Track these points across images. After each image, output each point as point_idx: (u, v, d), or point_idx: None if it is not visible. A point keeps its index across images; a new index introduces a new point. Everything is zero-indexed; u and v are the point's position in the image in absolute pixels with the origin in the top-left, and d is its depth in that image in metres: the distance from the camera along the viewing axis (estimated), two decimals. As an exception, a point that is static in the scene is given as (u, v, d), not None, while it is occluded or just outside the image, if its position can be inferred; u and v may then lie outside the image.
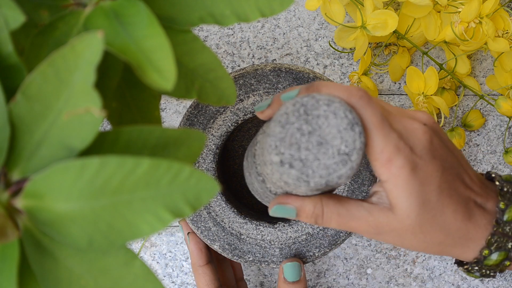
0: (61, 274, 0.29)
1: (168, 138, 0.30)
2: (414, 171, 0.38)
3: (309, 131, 0.37)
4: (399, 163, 0.37)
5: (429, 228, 0.39)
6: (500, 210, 0.40)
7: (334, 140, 0.37)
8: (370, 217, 0.40)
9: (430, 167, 0.38)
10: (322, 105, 0.37)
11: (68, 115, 0.28)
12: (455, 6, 0.59)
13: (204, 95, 0.35)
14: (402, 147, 0.37)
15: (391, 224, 0.39)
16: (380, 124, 0.37)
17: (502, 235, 0.40)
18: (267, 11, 0.33)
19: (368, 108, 0.38)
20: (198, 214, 0.56)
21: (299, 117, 0.37)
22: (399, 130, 0.38)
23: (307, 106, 0.37)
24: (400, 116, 0.39)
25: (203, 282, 0.59)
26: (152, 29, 0.31)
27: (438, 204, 0.39)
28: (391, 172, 0.38)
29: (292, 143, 0.37)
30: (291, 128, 0.37)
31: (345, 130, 0.37)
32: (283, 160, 0.37)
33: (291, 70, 0.54)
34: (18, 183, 0.29)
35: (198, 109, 0.54)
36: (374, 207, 0.40)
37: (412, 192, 0.38)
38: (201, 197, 0.27)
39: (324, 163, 0.37)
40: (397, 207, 0.39)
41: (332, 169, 0.37)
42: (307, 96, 0.38)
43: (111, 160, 0.27)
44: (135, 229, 0.27)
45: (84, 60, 0.28)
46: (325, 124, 0.37)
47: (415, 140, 0.38)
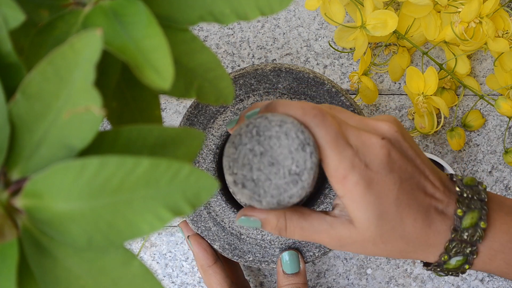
0: (60, 273, 0.29)
1: (167, 137, 0.30)
2: (369, 186, 0.39)
3: (261, 152, 0.38)
4: (354, 179, 0.38)
5: (390, 238, 0.40)
6: (458, 217, 0.41)
7: (285, 160, 0.38)
8: (332, 231, 0.41)
9: (387, 181, 0.39)
10: (274, 126, 0.38)
11: (68, 114, 0.28)
12: (455, 6, 0.59)
13: (203, 95, 0.35)
14: (357, 164, 0.38)
15: (352, 236, 0.40)
16: (334, 142, 0.38)
17: (460, 241, 0.41)
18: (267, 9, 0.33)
19: (322, 127, 0.38)
20: (198, 214, 0.56)
21: (251, 138, 0.39)
22: (355, 146, 0.39)
23: (259, 127, 0.39)
24: (359, 130, 0.39)
25: (215, 281, 0.58)
26: (151, 29, 0.31)
27: (397, 215, 0.40)
28: (346, 188, 0.39)
29: (245, 164, 0.38)
30: (243, 149, 0.39)
31: (296, 151, 0.38)
32: (236, 180, 0.39)
33: (291, 70, 0.54)
34: (17, 183, 0.29)
35: (198, 109, 0.54)
36: (336, 220, 0.41)
37: (368, 206, 0.39)
38: (200, 195, 0.28)
39: (275, 183, 0.38)
40: (356, 221, 0.40)
41: (283, 189, 0.38)
42: (261, 117, 0.39)
43: (110, 160, 0.27)
44: (135, 228, 0.27)
45: (83, 58, 0.28)
46: (277, 145, 0.38)
47: (371, 156, 0.39)
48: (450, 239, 0.41)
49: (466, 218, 0.41)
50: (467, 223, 0.41)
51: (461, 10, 0.58)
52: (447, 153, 0.66)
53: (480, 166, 0.66)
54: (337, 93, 0.54)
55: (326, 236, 0.41)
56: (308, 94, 0.54)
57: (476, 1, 0.57)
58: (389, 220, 0.40)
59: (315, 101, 0.54)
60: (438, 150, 0.66)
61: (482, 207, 0.41)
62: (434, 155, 0.66)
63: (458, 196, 0.41)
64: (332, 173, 0.39)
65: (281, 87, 0.54)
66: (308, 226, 0.42)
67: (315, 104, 0.39)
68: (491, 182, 0.66)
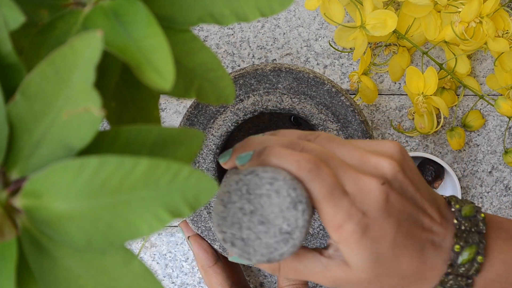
0: (59, 273, 0.29)
1: (167, 137, 0.30)
2: (365, 233, 0.38)
3: (251, 210, 0.37)
4: (350, 229, 0.38)
5: (385, 277, 0.40)
6: (455, 253, 0.40)
7: (276, 219, 0.37)
8: (327, 273, 0.41)
9: (385, 226, 0.39)
10: (265, 183, 0.37)
11: (67, 114, 0.28)
12: (455, 6, 0.59)
13: (203, 95, 0.35)
14: (353, 213, 0.38)
15: (348, 277, 0.40)
16: (329, 196, 0.38)
17: (456, 275, 0.41)
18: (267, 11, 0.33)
19: (317, 182, 0.38)
20: (198, 214, 0.56)
21: (241, 196, 0.37)
22: (352, 194, 0.38)
23: (249, 185, 0.37)
24: (357, 174, 0.39)
25: (215, 282, 0.58)
26: (151, 29, 0.31)
27: (393, 257, 0.39)
28: (342, 236, 0.38)
29: (234, 223, 0.37)
30: (233, 208, 0.38)
31: (287, 209, 0.37)
32: (225, 238, 0.38)
33: (291, 70, 0.54)
34: (16, 182, 0.29)
35: (198, 109, 0.54)
36: (331, 262, 0.41)
37: (365, 251, 0.39)
38: (200, 197, 0.27)
39: (266, 242, 0.37)
40: (352, 264, 0.40)
41: (273, 248, 0.37)
42: (251, 174, 0.38)
43: (110, 160, 0.27)
44: (134, 229, 0.27)
45: (83, 59, 0.28)
46: (267, 203, 0.37)
47: (369, 203, 0.38)
48: (446, 272, 0.41)
49: (464, 254, 0.40)
50: (464, 259, 0.40)
51: (461, 10, 0.58)
52: (447, 153, 0.66)
53: (480, 166, 0.66)
54: (337, 93, 0.54)
55: (321, 277, 0.41)
56: (308, 94, 0.54)
57: (476, 1, 0.57)
58: (385, 262, 0.39)
59: (315, 101, 0.54)
60: (438, 150, 0.66)
61: (480, 241, 0.41)
62: (434, 155, 0.66)
63: (456, 230, 0.41)
64: (328, 223, 0.38)
65: (281, 87, 0.54)
66: (302, 268, 0.41)
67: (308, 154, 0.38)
68: (491, 182, 0.66)
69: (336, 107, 0.54)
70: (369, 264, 0.39)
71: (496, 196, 0.66)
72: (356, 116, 0.54)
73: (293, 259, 0.41)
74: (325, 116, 0.54)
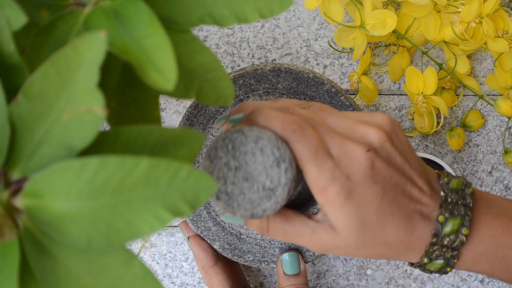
0: (60, 273, 0.29)
1: (167, 138, 0.30)
2: (349, 197, 0.39)
3: (236, 166, 0.39)
4: (334, 191, 0.39)
5: (372, 244, 0.41)
6: (439, 223, 0.41)
7: (260, 176, 0.39)
8: (314, 236, 0.41)
9: (370, 192, 0.39)
10: (250, 142, 0.39)
11: (69, 114, 0.28)
12: (455, 6, 0.59)
13: (202, 95, 0.35)
14: (337, 176, 0.38)
15: (334, 242, 0.41)
16: (313, 157, 0.38)
17: (441, 246, 0.41)
18: (267, 12, 0.33)
19: (301, 142, 0.38)
20: (198, 214, 0.56)
21: (227, 153, 0.39)
22: (337, 157, 0.39)
23: (235, 143, 0.39)
24: (344, 140, 0.39)
25: (216, 282, 0.59)
26: (152, 29, 0.31)
27: (379, 223, 0.40)
28: (326, 198, 0.39)
29: (219, 177, 0.39)
30: (219, 163, 0.39)
31: (271, 167, 0.38)
32: None
33: (290, 70, 0.54)
34: (18, 183, 0.29)
35: (198, 109, 0.54)
36: (318, 226, 0.41)
37: (350, 215, 0.39)
38: (199, 195, 0.28)
39: (249, 197, 0.39)
40: (338, 228, 0.40)
41: (256, 203, 0.39)
42: (237, 132, 0.39)
43: (110, 160, 0.27)
44: (135, 229, 0.27)
45: (87, 60, 0.28)
46: (252, 160, 0.39)
47: (354, 168, 0.39)
48: (431, 243, 0.41)
49: (448, 224, 0.41)
50: (447, 229, 0.41)
51: (461, 10, 0.58)
52: (447, 153, 0.66)
53: (480, 166, 0.66)
54: (337, 93, 0.54)
55: (308, 240, 0.42)
56: (308, 94, 0.54)
57: (476, 1, 0.57)
58: (371, 228, 0.40)
59: (314, 101, 0.54)
60: (438, 150, 0.66)
61: (465, 213, 0.41)
62: (434, 155, 0.66)
63: (442, 201, 0.41)
64: (313, 185, 0.39)
65: (280, 87, 0.54)
66: (290, 229, 0.42)
67: (295, 116, 0.39)
68: (491, 182, 0.66)
69: (336, 107, 0.54)
70: (354, 229, 0.40)
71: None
72: (356, 116, 0.54)
73: (282, 220, 0.42)
74: (325, 116, 0.54)
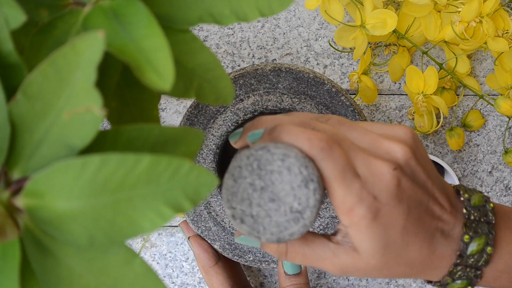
0: (62, 273, 0.29)
1: (167, 137, 0.30)
2: (376, 217, 0.37)
3: (261, 186, 0.37)
4: (361, 212, 0.37)
5: (394, 265, 0.39)
6: (464, 243, 0.40)
7: (287, 197, 0.36)
8: (335, 259, 0.40)
9: (395, 212, 0.38)
10: (277, 160, 0.37)
11: (68, 114, 0.28)
12: (455, 5, 0.59)
13: (202, 95, 0.35)
14: (364, 197, 0.37)
15: (357, 265, 0.39)
16: (341, 177, 0.37)
17: (465, 266, 0.40)
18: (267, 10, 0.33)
19: (329, 161, 0.37)
20: (198, 214, 0.56)
21: (252, 172, 0.37)
22: (364, 176, 0.37)
23: (260, 161, 0.37)
24: (369, 158, 0.38)
25: (216, 282, 0.59)
26: (151, 29, 0.31)
27: (403, 244, 0.39)
28: (352, 220, 0.37)
29: (244, 199, 0.37)
30: (243, 183, 0.37)
31: (299, 187, 0.36)
32: (235, 215, 0.37)
33: (291, 70, 0.54)
34: (18, 182, 0.29)
35: (198, 109, 0.54)
36: (339, 248, 0.40)
37: (375, 237, 0.38)
38: (200, 191, 0.28)
39: (276, 220, 0.37)
40: (361, 250, 0.39)
41: (283, 227, 0.37)
42: (262, 149, 0.37)
43: (111, 158, 0.27)
44: (136, 226, 0.27)
45: (85, 60, 0.28)
46: (278, 180, 0.37)
47: (381, 187, 0.38)
48: (454, 263, 0.40)
49: (473, 244, 0.40)
50: (473, 250, 0.40)
51: (461, 9, 0.58)
52: (447, 153, 0.66)
53: (480, 166, 0.66)
54: (337, 93, 0.54)
55: (329, 263, 0.40)
56: (308, 94, 0.54)
57: (476, 1, 0.57)
58: (395, 249, 0.39)
59: (315, 101, 0.54)
60: (438, 150, 0.66)
61: (489, 232, 0.40)
62: (434, 155, 0.66)
63: (465, 220, 0.40)
64: (339, 205, 0.37)
65: (281, 87, 0.54)
66: (310, 253, 0.40)
67: (322, 133, 0.37)
68: (491, 182, 0.66)
69: (336, 107, 0.54)
70: (378, 250, 0.38)
71: (496, 196, 0.66)
72: (356, 116, 0.54)
73: (301, 243, 0.40)
74: (325, 116, 0.54)
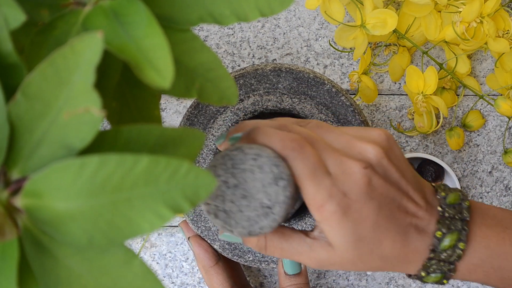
0: (61, 273, 0.29)
1: (168, 137, 0.30)
2: (346, 213, 0.39)
3: (234, 184, 0.39)
4: (331, 208, 0.39)
5: (368, 259, 0.41)
6: (437, 239, 0.41)
7: (258, 194, 0.39)
8: (311, 253, 0.42)
9: (365, 208, 0.39)
10: (249, 159, 0.39)
11: (68, 114, 0.28)
12: (455, 6, 0.59)
13: (204, 95, 0.35)
14: (334, 193, 0.39)
15: (331, 258, 0.41)
16: (311, 174, 0.39)
17: (438, 261, 0.42)
18: (267, 10, 0.33)
19: (300, 160, 0.39)
20: (198, 214, 0.56)
21: (226, 170, 0.39)
22: (335, 174, 0.39)
23: (234, 160, 0.39)
24: (341, 157, 0.39)
25: (216, 282, 0.59)
26: (151, 29, 0.31)
27: (375, 239, 0.40)
28: (323, 216, 0.39)
29: (218, 195, 0.39)
30: (217, 181, 0.39)
31: (269, 185, 0.38)
32: (209, 210, 0.39)
33: (291, 70, 0.54)
34: (17, 182, 0.29)
35: (198, 109, 0.54)
36: (315, 243, 0.42)
37: (346, 232, 0.40)
38: (199, 192, 0.28)
39: (247, 215, 0.39)
40: (335, 244, 0.40)
41: (254, 221, 0.39)
42: (236, 149, 0.39)
43: (110, 158, 0.27)
44: (135, 227, 0.27)
45: (84, 60, 0.28)
46: (250, 178, 0.39)
47: (351, 185, 0.39)
48: (428, 257, 0.41)
49: (445, 240, 0.41)
50: (445, 245, 0.41)
51: (462, 9, 0.58)
52: (447, 153, 0.66)
53: (480, 166, 0.66)
54: (337, 93, 0.54)
55: (305, 257, 0.42)
56: (308, 94, 0.54)
57: (477, 1, 0.57)
58: (367, 243, 0.40)
59: (315, 101, 0.54)
60: (438, 150, 0.66)
61: (462, 228, 0.42)
62: (433, 156, 0.66)
63: (439, 217, 0.42)
64: (310, 202, 0.39)
65: (281, 87, 0.54)
66: (288, 247, 0.42)
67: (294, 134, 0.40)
68: (491, 182, 0.66)
69: (336, 107, 0.54)
70: (350, 244, 0.40)
71: (496, 196, 0.66)
72: (356, 116, 0.54)
73: (279, 238, 0.42)
74: (325, 116, 0.54)
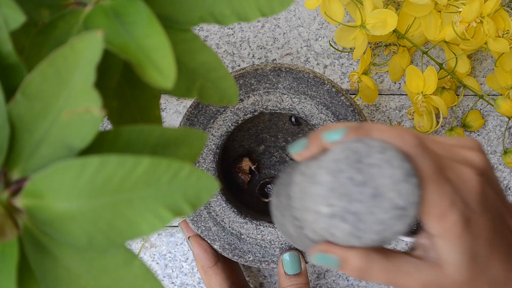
0: (60, 273, 0.29)
1: (169, 138, 0.30)
2: (468, 225, 0.35)
3: (361, 181, 0.33)
4: (454, 218, 0.35)
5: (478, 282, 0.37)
6: None
7: (389, 192, 0.33)
8: (418, 274, 0.37)
9: (482, 220, 0.35)
10: (376, 152, 0.33)
11: (68, 114, 0.28)
12: (455, 5, 0.59)
13: (205, 95, 0.35)
14: (457, 202, 0.34)
15: (440, 280, 0.37)
16: (436, 176, 0.34)
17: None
18: (267, 10, 0.33)
19: (425, 158, 0.34)
20: (198, 214, 0.56)
21: (350, 165, 0.33)
22: (454, 182, 0.35)
23: (359, 154, 0.33)
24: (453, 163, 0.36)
25: (215, 282, 0.58)
26: (152, 28, 0.31)
27: (488, 257, 0.36)
28: (444, 227, 0.35)
29: (344, 194, 0.33)
30: (341, 177, 0.33)
31: (401, 182, 0.33)
32: (335, 212, 0.33)
33: (291, 70, 0.54)
34: (18, 182, 0.29)
35: (198, 109, 0.54)
36: (422, 263, 0.37)
37: (464, 248, 0.35)
38: (201, 195, 0.27)
39: (380, 217, 0.33)
40: (448, 263, 0.36)
41: (387, 225, 0.33)
42: (358, 142, 0.34)
43: (111, 159, 0.27)
44: (135, 228, 0.27)
45: (84, 60, 0.28)
46: (379, 174, 0.33)
47: (469, 193, 0.35)
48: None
49: None
50: None
51: (461, 9, 0.58)
52: (447, 153, 0.66)
53: (480, 166, 0.66)
54: (337, 93, 0.54)
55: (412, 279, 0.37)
56: (308, 94, 0.54)
57: (477, 1, 0.57)
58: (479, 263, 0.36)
59: (315, 101, 0.54)
60: (438, 150, 0.66)
61: None
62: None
63: None
64: (430, 210, 0.35)
65: (281, 87, 0.54)
66: (392, 268, 0.37)
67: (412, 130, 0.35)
68: (491, 182, 0.66)
69: (336, 107, 0.54)
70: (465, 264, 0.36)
71: (496, 196, 0.66)
72: (356, 116, 0.54)
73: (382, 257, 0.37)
74: (325, 116, 0.54)
